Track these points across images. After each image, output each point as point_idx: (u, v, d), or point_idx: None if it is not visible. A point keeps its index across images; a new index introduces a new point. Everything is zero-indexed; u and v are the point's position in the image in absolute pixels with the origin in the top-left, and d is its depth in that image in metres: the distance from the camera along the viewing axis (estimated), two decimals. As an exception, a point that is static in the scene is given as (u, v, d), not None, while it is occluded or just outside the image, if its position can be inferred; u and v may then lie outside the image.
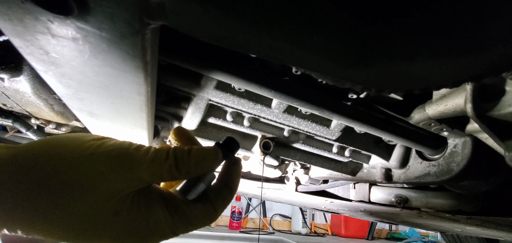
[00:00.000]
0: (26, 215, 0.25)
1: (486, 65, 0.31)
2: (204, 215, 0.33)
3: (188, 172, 0.31)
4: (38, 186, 0.25)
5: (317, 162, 0.88)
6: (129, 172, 0.28)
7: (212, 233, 2.76)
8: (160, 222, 0.30)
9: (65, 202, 0.26)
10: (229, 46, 0.31)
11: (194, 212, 0.32)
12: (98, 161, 0.27)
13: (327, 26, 0.26)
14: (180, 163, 0.30)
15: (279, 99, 0.56)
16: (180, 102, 0.66)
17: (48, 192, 0.25)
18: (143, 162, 0.29)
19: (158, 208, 0.30)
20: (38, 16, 0.26)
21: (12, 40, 0.32)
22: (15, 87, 0.62)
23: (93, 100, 0.48)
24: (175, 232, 0.31)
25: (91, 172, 0.27)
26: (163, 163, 0.29)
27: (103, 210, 0.27)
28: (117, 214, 0.28)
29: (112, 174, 0.27)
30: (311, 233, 3.66)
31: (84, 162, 0.27)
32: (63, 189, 0.26)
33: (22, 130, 0.88)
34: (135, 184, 0.29)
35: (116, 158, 0.28)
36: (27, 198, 0.25)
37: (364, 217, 1.74)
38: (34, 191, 0.25)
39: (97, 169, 0.27)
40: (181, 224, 0.31)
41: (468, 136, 0.65)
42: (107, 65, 0.35)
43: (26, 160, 0.26)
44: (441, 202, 0.95)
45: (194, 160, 0.31)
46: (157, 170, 0.29)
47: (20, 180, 0.25)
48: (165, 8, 0.24)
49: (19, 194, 0.25)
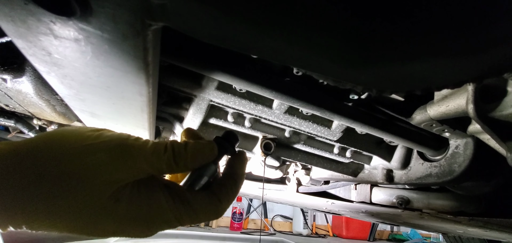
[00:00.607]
0: (29, 206, 0.25)
1: (487, 66, 0.31)
2: (208, 205, 0.33)
3: (185, 164, 0.32)
4: (39, 177, 0.26)
5: (318, 163, 0.88)
6: (129, 161, 0.29)
7: (213, 233, 2.76)
8: (162, 208, 0.31)
9: (66, 191, 0.26)
10: (230, 47, 0.31)
11: (199, 200, 0.33)
12: (98, 150, 0.28)
13: (327, 26, 0.26)
14: (177, 155, 0.31)
15: (280, 100, 0.56)
16: (182, 103, 0.66)
17: (49, 182, 0.26)
18: (143, 153, 0.30)
19: (160, 195, 0.31)
20: (41, 17, 0.26)
21: (15, 41, 0.32)
22: (18, 88, 0.62)
23: (95, 100, 0.48)
24: (179, 220, 0.32)
25: (91, 161, 0.27)
26: (162, 155, 0.30)
27: (103, 197, 0.28)
28: (118, 201, 0.28)
29: (112, 163, 0.28)
30: (312, 234, 3.66)
31: (84, 151, 0.28)
32: (64, 178, 0.26)
33: (24, 130, 0.89)
34: (135, 173, 0.30)
35: (115, 148, 0.29)
36: (29, 189, 0.25)
37: (366, 218, 1.73)
38: (35, 181, 0.26)
39: (97, 158, 0.28)
40: (185, 212, 0.32)
41: (470, 137, 0.65)
42: (109, 66, 0.35)
43: (26, 152, 0.26)
44: (443, 203, 0.95)
45: (190, 152, 0.32)
46: (156, 161, 0.30)
47: (21, 171, 0.25)
48: (166, 9, 0.25)
49: (21, 185, 0.25)
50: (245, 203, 3.59)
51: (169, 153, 0.31)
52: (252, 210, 3.70)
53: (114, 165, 0.28)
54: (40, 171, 0.26)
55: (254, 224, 3.69)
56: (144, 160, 0.29)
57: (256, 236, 3.05)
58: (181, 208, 0.32)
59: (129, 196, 0.29)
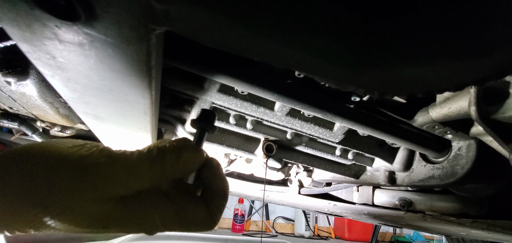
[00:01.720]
0: (52, 205, 0.26)
1: (490, 68, 0.31)
2: (203, 220, 0.33)
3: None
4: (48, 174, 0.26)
5: (320, 164, 0.88)
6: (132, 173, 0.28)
7: (215, 236, 2.76)
8: (155, 221, 0.30)
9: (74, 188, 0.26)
10: (232, 51, 0.31)
11: (196, 214, 0.32)
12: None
13: (328, 29, 0.26)
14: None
15: (282, 102, 0.56)
16: (184, 105, 0.67)
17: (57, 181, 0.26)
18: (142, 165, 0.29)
19: (155, 210, 0.30)
20: (46, 22, 0.27)
21: (20, 45, 0.32)
22: (22, 91, 0.63)
23: (99, 103, 0.48)
24: (169, 229, 0.31)
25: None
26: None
27: (109, 200, 0.28)
28: (124, 199, 0.28)
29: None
30: (314, 236, 3.64)
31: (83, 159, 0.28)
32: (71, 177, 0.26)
33: (28, 132, 0.89)
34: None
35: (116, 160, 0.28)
36: (56, 186, 0.26)
37: (368, 220, 1.72)
38: (44, 179, 0.26)
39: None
40: (179, 226, 0.31)
41: (473, 139, 0.65)
42: (113, 70, 0.35)
43: (37, 153, 0.27)
44: (446, 205, 0.94)
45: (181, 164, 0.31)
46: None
47: (21, 174, 0.26)
48: (169, 14, 0.25)
49: (45, 185, 0.26)
50: (247, 204, 3.59)
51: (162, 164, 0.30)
52: (254, 212, 3.69)
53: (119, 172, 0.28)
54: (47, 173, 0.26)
55: (256, 226, 3.68)
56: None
57: (258, 238, 3.05)
58: (176, 221, 0.31)
59: (134, 198, 0.29)
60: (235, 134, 0.77)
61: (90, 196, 0.27)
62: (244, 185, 1.22)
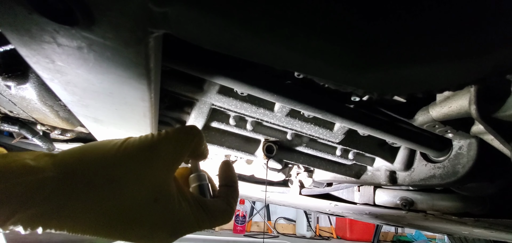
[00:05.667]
0: (79, 212, 0.27)
1: (489, 67, 0.31)
2: (223, 210, 0.37)
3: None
4: (87, 184, 0.28)
5: (321, 165, 0.88)
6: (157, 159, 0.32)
7: (216, 237, 2.75)
8: (188, 214, 0.34)
9: (112, 195, 0.29)
10: (231, 53, 0.31)
11: (216, 206, 0.37)
12: (131, 156, 0.31)
13: (326, 30, 0.26)
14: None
15: (282, 103, 0.56)
16: (183, 107, 0.67)
17: (97, 187, 0.28)
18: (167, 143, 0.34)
19: (185, 201, 0.34)
20: (44, 26, 0.27)
21: (19, 50, 0.32)
22: (22, 94, 0.63)
23: (98, 106, 0.48)
24: (200, 225, 0.35)
25: (131, 166, 0.31)
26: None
27: (144, 198, 0.30)
28: (157, 200, 0.31)
29: (146, 164, 0.31)
30: (315, 236, 3.64)
31: (121, 158, 0.31)
32: (107, 184, 0.29)
33: (29, 136, 0.90)
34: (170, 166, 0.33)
35: (145, 150, 0.32)
36: (80, 196, 0.27)
37: (369, 220, 1.72)
38: (84, 188, 0.28)
39: (134, 162, 0.31)
40: (206, 218, 0.35)
41: (474, 138, 0.64)
42: (112, 73, 0.35)
43: (74, 162, 0.29)
44: (448, 204, 0.94)
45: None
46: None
47: (66, 182, 0.27)
48: (167, 17, 0.25)
49: (67, 194, 0.27)
50: (248, 205, 3.58)
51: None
52: (255, 213, 3.69)
53: (148, 165, 0.31)
54: (88, 180, 0.28)
55: (257, 226, 3.68)
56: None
57: (260, 238, 3.04)
58: (203, 214, 0.35)
59: (166, 196, 0.32)
60: (235, 135, 0.77)
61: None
62: (245, 186, 1.22)
